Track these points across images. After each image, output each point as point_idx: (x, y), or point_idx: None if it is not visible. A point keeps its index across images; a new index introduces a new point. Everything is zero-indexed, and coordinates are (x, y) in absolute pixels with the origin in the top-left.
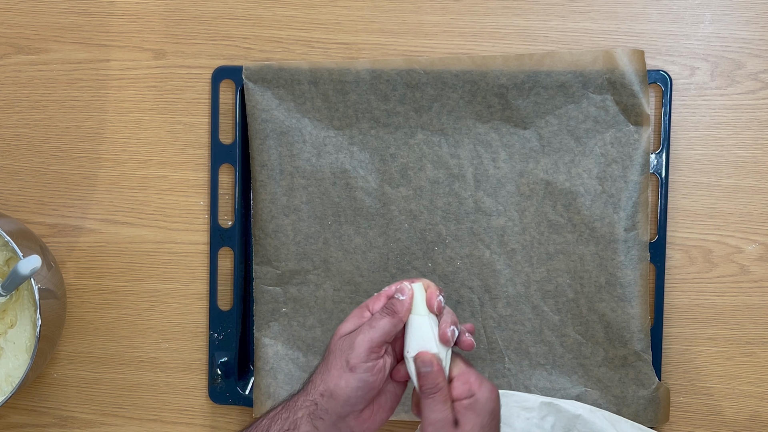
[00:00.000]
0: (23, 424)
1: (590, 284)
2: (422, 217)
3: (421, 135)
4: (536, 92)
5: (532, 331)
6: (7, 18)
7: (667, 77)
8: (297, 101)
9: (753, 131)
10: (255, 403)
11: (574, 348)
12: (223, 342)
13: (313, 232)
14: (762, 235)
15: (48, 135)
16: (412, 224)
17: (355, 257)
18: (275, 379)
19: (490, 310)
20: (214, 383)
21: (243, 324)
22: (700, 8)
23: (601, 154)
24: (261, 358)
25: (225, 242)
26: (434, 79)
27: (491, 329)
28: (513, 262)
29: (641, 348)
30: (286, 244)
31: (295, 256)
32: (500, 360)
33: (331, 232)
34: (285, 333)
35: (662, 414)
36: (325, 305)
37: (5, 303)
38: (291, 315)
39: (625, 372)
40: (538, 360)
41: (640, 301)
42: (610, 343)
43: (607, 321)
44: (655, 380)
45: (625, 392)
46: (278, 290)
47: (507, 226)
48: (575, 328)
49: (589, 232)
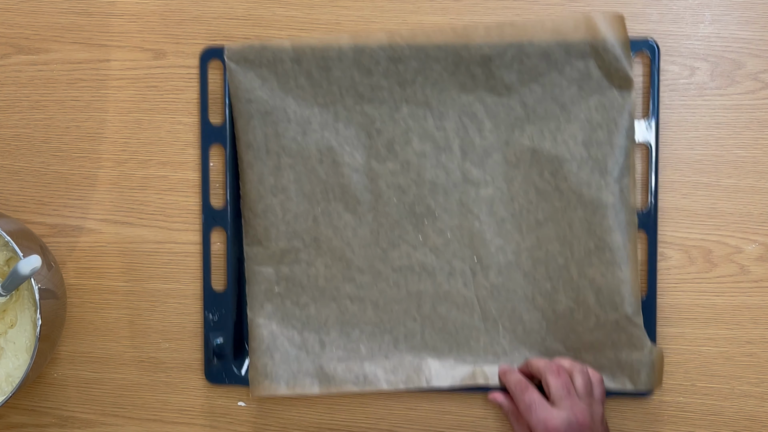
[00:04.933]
0: (23, 424)
1: (580, 250)
2: (410, 190)
3: (406, 109)
4: (519, 61)
5: (525, 299)
6: (7, 18)
7: (655, 45)
8: (280, 80)
9: (753, 131)
10: (252, 383)
11: (567, 314)
12: (218, 323)
13: (302, 210)
14: (762, 235)
15: (48, 135)
16: (401, 198)
17: (345, 234)
18: (272, 358)
19: (482, 279)
20: (210, 364)
21: (238, 305)
22: (700, 8)
23: (586, 120)
24: (256, 339)
25: (217, 222)
26: (417, 51)
27: (484, 299)
28: (503, 231)
29: (632, 312)
30: (276, 223)
31: (285, 236)
32: (494, 328)
33: (320, 209)
34: (279, 313)
35: (657, 377)
36: (317, 283)
37: (5, 303)
38: (284, 294)
39: (618, 336)
40: (531, 326)
41: (629, 266)
42: (602, 308)
43: (598, 286)
44: (648, 343)
45: (618, 356)
46: (270, 270)
47: (495, 196)
48: (567, 294)
49: (576, 198)
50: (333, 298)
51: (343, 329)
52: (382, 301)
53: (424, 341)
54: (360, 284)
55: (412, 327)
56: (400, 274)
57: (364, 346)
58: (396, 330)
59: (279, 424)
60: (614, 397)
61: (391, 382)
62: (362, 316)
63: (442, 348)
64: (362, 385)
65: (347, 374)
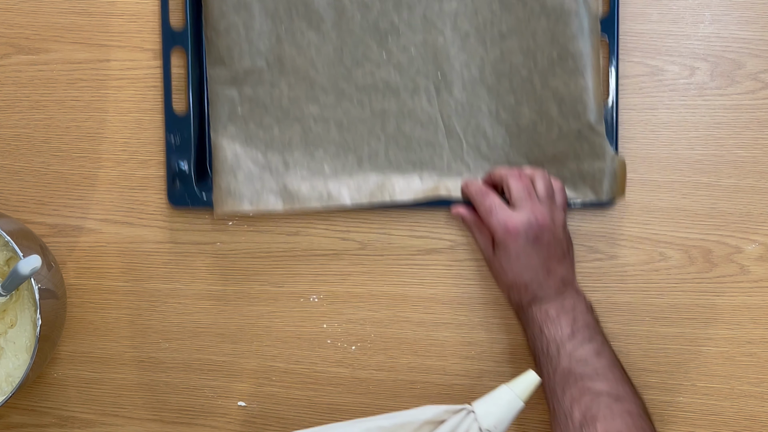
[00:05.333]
0: (23, 424)
1: (543, 60)
2: (374, 6)
3: None
4: None
5: (489, 114)
6: (7, 18)
7: None
8: None
9: (753, 131)
10: (215, 202)
11: (530, 127)
12: (180, 146)
13: (265, 29)
14: (762, 235)
15: (48, 135)
16: (365, 15)
17: (308, 53)
18: (235, 178)
19: (446, 96)
20: (173, 187)
21: (200, 128)
22: (700, 8)
23: None
24: (219, 159)
25: (177, 42)
26: None
27: (448, 115)
28: (467, 45)
29: (594, 119)
30: (239, 42)
31: (248, 55)
32: (458, 145)
33: (283, 28)
34: (242, 134)
35: (619, 186)
36: (281, 104)
37: (5, 303)
38: (247, 116)
39: (580, 146)
40: (495, 141)
41: (592, 73)
42: (564, 118)
43: (561, 96)
44: (611, 151)
45: (581, 166)
46: (233, 91)
47: (459, 9)
48: (530, 106)
49: (540, 7)
50: (297, 119)
51: (307, 149)
52: (346, 121)
53: (388, 160)
54: (324, 104)
55: (376, 146)
56: (364, 93)
57: (328, 166)
58: (360, 149)
59: (279, 424)
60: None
61: (354, 198)
62: (326, 136)
63: (405, 166)
64: (326, 201)
65: (311, 192)
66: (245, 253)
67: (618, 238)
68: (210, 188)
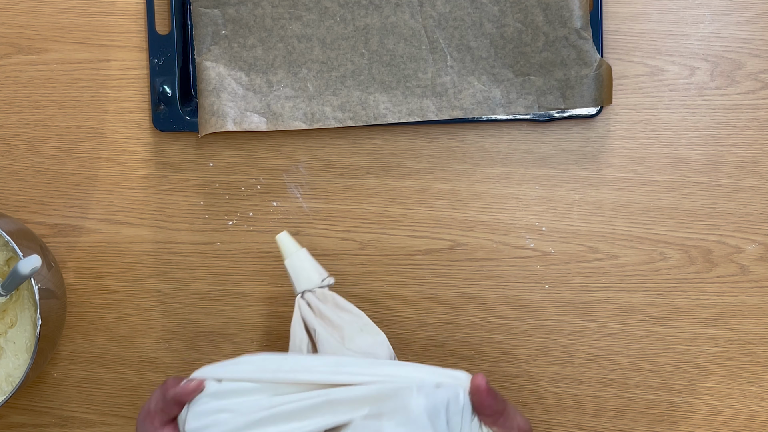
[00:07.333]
0: (23, 424)
1: None
2: None
3: None
4: None
5: (473, 26)
6: (7, 18)
7: None
8: None
9: (753, 131)
10: (200, 123)
11: (515, 37)
12: (163, 67)
13: None
14: (762, 235)
15: (48, 135)
16: None
17: None
18: (218, 97)
19: (429, 9)
20: (157, 110)
21: (184, 50)
22: (700, 8)
23: None
24: (203, 80)
25: None
26: None
27: (431, 29)
28: None
29: (581, 25)
30: None
31: None
32: (442, 59)
33: None
34: (226, 55)
35: (606, 93)
36: (264, 23)
37: (5, 303)
38: (231, 37)
39: (567, 53)
40: (480, 54)
41: None
42: (550, 25)
43: (546, 3)
44: (597, 57)
45: (567, 74)
46: (216, 12)
47: None
48: (515, 16)
49: None
50: (280, 38)
51: (291, 69)
52: (329, 39)
53: (372, 76)
54: (307, 22)
55: (359, 63)
56: (347, 9)
57: (311, 84)
58: (343, 66)
59: None
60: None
61: (339, 119)
62: (309, 54)
63: (390, 82)
64: (310, 122)
65: (295, 112)
66: (245, 253)
67: (618, 238)
68: (194, 112)
